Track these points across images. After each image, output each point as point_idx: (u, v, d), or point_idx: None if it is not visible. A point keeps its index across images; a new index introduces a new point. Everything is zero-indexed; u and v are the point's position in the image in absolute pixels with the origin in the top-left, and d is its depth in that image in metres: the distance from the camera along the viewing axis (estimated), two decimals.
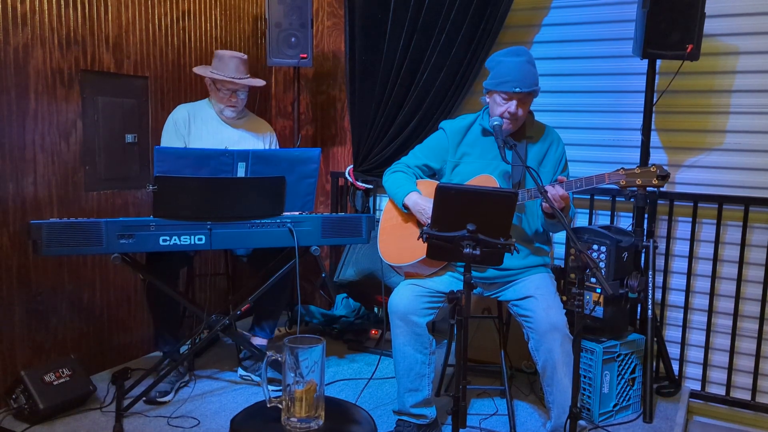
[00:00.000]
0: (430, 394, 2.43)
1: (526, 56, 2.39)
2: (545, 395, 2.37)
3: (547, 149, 2.50)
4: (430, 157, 2.61)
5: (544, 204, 2.27)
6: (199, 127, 2.99)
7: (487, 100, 2.46)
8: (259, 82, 3.06)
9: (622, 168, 2.27)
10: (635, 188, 2.27)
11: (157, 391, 2.68)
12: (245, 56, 3.03)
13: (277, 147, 3.21)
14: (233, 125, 3.07)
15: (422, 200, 2.46)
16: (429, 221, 2.40)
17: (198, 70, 3.04)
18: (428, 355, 2.39)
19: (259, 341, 3.05)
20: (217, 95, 2.99)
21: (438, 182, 2.57)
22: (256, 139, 3.12)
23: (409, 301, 2.36)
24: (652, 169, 2.22)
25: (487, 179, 2.43)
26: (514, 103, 2.36)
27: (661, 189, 3.04)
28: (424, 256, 2.03)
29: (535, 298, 2.33)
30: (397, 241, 2.55)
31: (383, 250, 2.60)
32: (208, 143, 2.97)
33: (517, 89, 2.33)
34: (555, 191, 2.23)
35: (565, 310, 2.33)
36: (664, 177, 2.21)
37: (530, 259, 2.46)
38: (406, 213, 2.53)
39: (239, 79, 2.95)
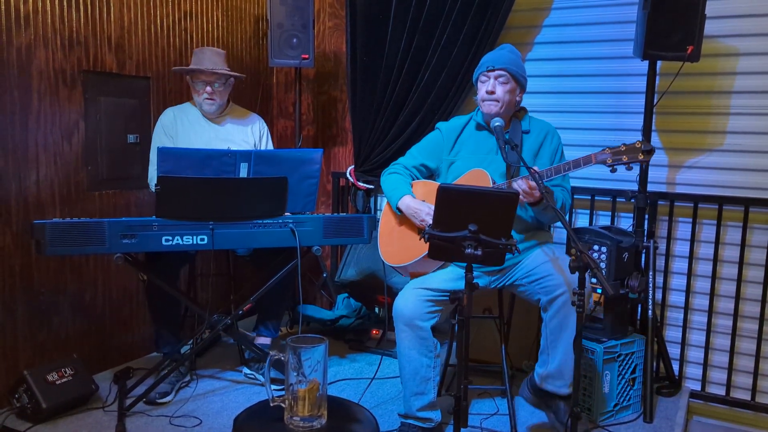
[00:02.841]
0: (436, 397, 2.43)
1: (507, 48, 2.53)
2: (549, 342, 2.34)
3: (543, 141, 2.53)
4: (426, 156, 2.63)
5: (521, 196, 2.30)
6: (186, 128, 2.98)
7: (477, 98, 2.54)
8: (233, 73, 3.02)
9: (608, 147, 2.30)
10: (623, 165, 2.27)
11: (157, 392, 2.68)
12: (223, 51, 3.04)
13: (269, 136, 3.21)
14: (218, 122, 3.05)
15: (414, 203, 2.48)
16: (422, 223, 2.42)
17: (176, 68, 3.06)
18: (433, 359, 2.39)
19: (263, 340, 3.06)
20: (194, 90, 2.98)
21: (435, 182, 2.59)
22: (243, 134, 3.09)
23: (414, 306, 2.35)
24: (636, 144, 2.26)
25: (480, 173, 2.45)
26: (489, 82, 2.45)
27: (662, 190, 3.07)
28: (425, 253, 2.03)
29: (550, 262, 2.36)
30: (397, 242, 2.56)
31: (384, 252, 2.60)
32: (195, 144, 2.97)
33: (490, 66, 2.45)
34: (522, 185, 2.27)
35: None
36: (649, 151, 2.24)
37: (532, 241, 2.48)
38: (401, 215, 2.54)
39: (212, 69, 2.92)
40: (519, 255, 2.43)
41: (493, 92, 2.44)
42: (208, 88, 2.94)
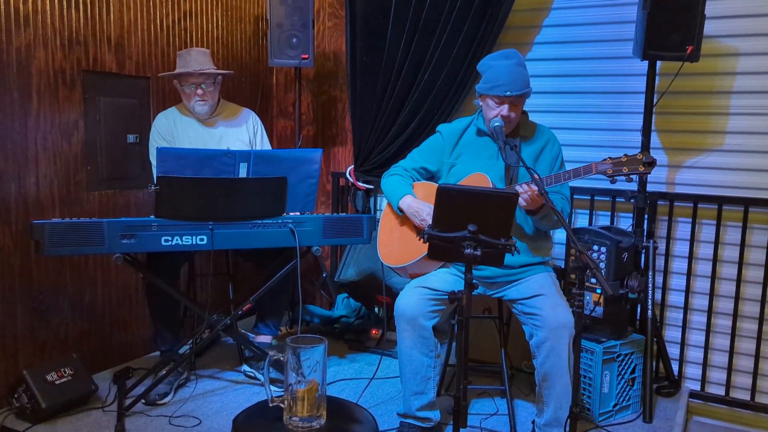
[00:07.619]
0: (435, 397, 2.43)
1: (516, 59, 2.40)
2: (543, 389, 2.35)
3: (543, 148, 2.51)
4: (426, 159, 2.63)
5: (522, 204, 2.28)
6: (181, 133, 2.97)
7: (480, 103, 2.48)
8: (221, 71, 3.01)
9: (609, 157, 2.28)
10: (623, 177, 2.25)
11: (156, 393, 2.69)
12: (207, 50, 3.02)
13: (263, 130, 3.19)
14: (211, 123, 3.03)
15: (416, 202, 2.48)
16: (423, 223, 2.42)
17: (162, 74, 3.03)
18: (434, 358, 2.40)
19: (262, 338, 3.06)
20: (184, 94, 2.97)
21: (435, 184, 2.59)
22: (238, 133, 3.08)
23: (417, 304, 2.35)
24: (638, 156, 2.24)
25: (481, 177, 2.44)
26: (506, 106, 2.37)
27: (662, 190, 3.07)
28: (424, 254, 2.03)
29: (544, 296, 2.33)
30: (396, 243, 2.56)
31: (383, 254, 2.60)
32: (192, 147, 2.95)
33: (508, 93, 2.34)
34: (525, 190, 2.24)
35: (571, 309, 2.33)
36: (650, 163, 2.23)
37: (531, 257, 2.46)
38: (402, 215, 2.54)
39: (199, 70, 2.90)
40: (517, 273, 2.43)
41: (508, 117, 2.38)
42: (199, 90, 2.93)
